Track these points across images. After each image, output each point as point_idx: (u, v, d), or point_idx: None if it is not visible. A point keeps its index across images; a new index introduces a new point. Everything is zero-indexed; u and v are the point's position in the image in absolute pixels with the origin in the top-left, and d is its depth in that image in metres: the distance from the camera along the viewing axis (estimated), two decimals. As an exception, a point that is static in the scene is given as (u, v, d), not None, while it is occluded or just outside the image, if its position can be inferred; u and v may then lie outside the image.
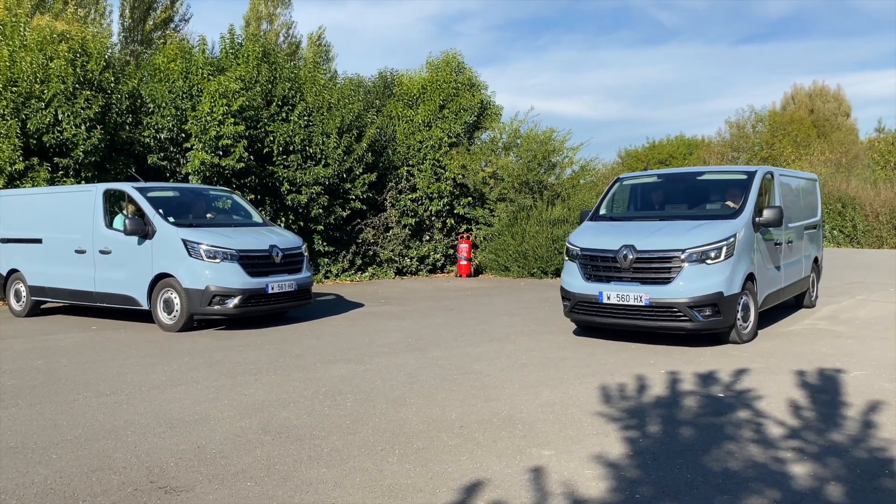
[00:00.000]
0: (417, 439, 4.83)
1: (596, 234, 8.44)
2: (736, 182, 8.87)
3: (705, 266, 7.55)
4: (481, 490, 3.94)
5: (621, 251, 7.81)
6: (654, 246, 7.74)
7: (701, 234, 7.75)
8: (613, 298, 7.77)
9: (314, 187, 15.42)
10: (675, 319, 7.56)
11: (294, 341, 8.67)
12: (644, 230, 8.11)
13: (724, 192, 8.92)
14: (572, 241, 8.54)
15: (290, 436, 4.93)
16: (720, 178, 9.64)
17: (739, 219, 8.07)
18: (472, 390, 6.17)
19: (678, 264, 7.58)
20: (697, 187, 9.50)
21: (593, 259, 8.12)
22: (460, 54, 19.23)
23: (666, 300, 7.51)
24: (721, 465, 4.29)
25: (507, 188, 17.70)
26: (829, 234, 29.93)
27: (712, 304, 7.48)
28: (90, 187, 10.71)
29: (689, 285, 7.49)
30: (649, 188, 9.61)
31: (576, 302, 8.19)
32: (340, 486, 4.01)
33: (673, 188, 9.62)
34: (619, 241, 7.91)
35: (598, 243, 8.17)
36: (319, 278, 16.20)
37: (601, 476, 4.14)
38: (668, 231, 7.99)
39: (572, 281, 8.29)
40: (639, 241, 7.82)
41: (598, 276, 8.06)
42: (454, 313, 11.11)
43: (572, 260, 8.40)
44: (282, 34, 37.40)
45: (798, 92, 54.33)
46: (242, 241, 9.70)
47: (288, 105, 15.98)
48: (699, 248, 7.59)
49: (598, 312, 8.02)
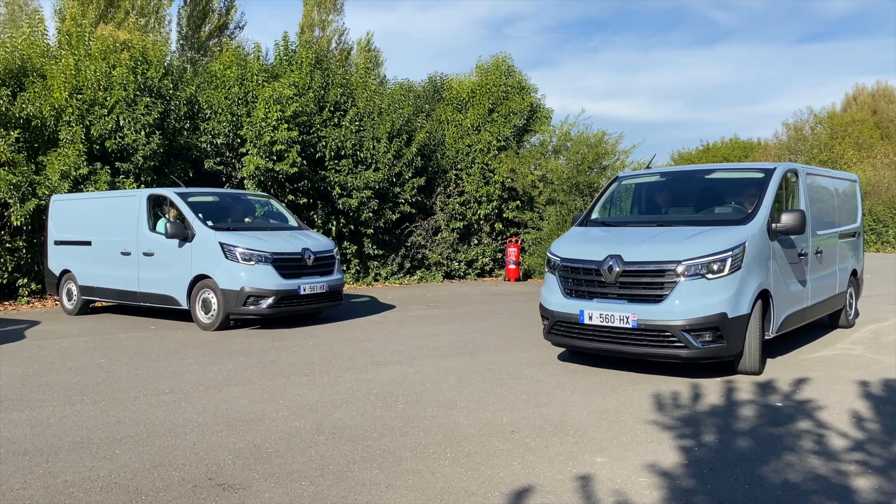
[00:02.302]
0: (468, 443, 4.84)
1: (581, 242, 7.31)
2: (751, 181, 7.65)
3: (706, 281, 6.30)
4: (533, 495, 3.93)
5: (606, 262, 6.62)
6: (645, 256, 6.53)
7: (702, 242, 6.51)
8: (596, 318, 6.59)
9: (364, 191, 15.60)
10: (668, 345, 6.30)
11: (345, 343, 8.78)
12: (635, 238, 6.94)
13: (738, 194, 7.75)
14: (553, 250, 7.35)
15: (343, 436, 4.99)
16: (733, 176, 8.41)
17: (751, 224, 6.81)
18: (522, 395, 6.15)
19: (673, 279, 6.34)
20: (707, 188, 8.22)
21: (574, 271, 6.94)
22: (510, 57, 19.24)
23: (657, 322, 6.27)
24: (780, 477, 4.18)
25: (556, 191, 17.58)
26: (894, 239, 28.86)
27: (713, 328, 6.22)
28: (135, 192, 11.17)
29: (686, 304, 6.24)
30: (652, 189, 8.46)
31: (554, 321, 7.01)
32: (393, 488, 4.05)
33: (679, 188, 8.38)
34: (604, 250, 6.75)
35: (581, 252, 6.98)
36: (369, 281, 16.38)
37: (655, 485, 4.08)
38: (663, 239, 6.78)
39: (550, 297, 7.14)
40: (627, 250, 6.62)
41: (580, 291, 6.87)
42: (504, 317, 11.09)
43: (552, 272, 7.24)
44: (334, 40, 37.98)
45: (860, 92, 52.60)
46: (276, 245, 10.00)
47: (340, 110, 16.21)
48: (699, 259, 6.33)
49: (579, 334, 6.83)
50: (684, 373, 6.87)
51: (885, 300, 12.53)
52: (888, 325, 9.87)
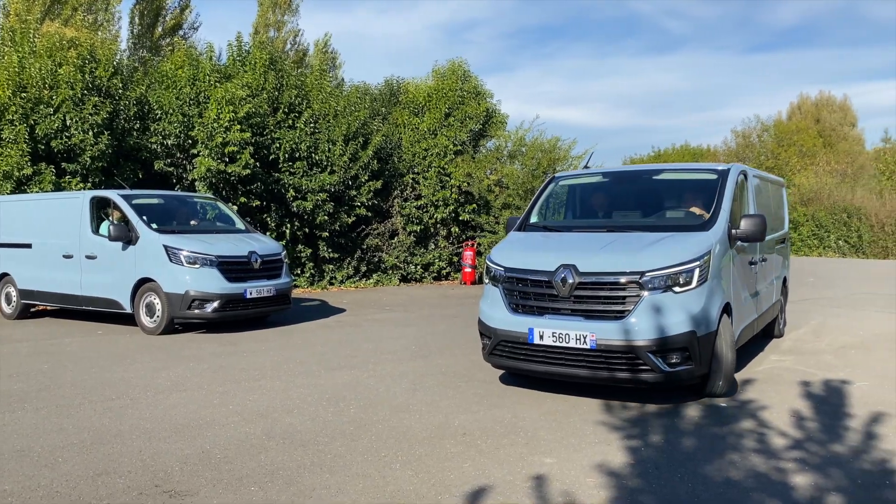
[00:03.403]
0: (420, 446, 4.86)
1: (525, 250, 6.50)
2: (704, 183, 6.98)
3: (672, 295, 5.57)
4: (483, 497, 3.96)
5: (558, 273, 5.79)
6: (603, 267, 5.74)
7: (665, 251, 5.79)
8: (548, 338, 5.73)
9: (320, 194, 15.48)
10: (632, 369, 5.55)
11: (297, 347, 8.70)
12: (589, 245, 6.18)
13: (690, 196, 7.08)
14: (494, 258, 6.47)
15: (294, 441, 4.96)
16: (684, 178, 7.69)
17: (713, 231, 6.13)
18: (475, 398, 6.19)
19: (636, 292, 5.58)
20: (655, 190, 7.53)
21: (521, 283, 6.08)
22: (466, 62, 19.34)
23: (619, 342, 5.49)
24: (723, 475, 4.30)
25: (511, 196, 17.73)
26: (835, 244, 29.88)
27: (682, 349, 5.52)
28: (78, 194, 10.95)
29: (651, 322, 5.49)
30: (592, 190, 7.69)
31: (498, 341, 6.12)
32: (343, 492, 4.04)
33: (623, 191, 7.66)
34: (555, 258, 5.93)
35: (528, 262, 6.14)
36: (324, 284, 16.26)
37: (602, 485, 4.16)
38: (620, 247, 5.99)
39: (493, 312, 6.23)
40: (582, 259, 5.83)
41: (528, 306, 6.01)
42: (459, 320, 11.14)
43: (494, 283, 6.34)
44: (289, 42, 37.62)
45: (804, 102, 54.34)
46: (222, 248, 9.91)
47: (294, 112, 16.07)
48: (664, 270, 5.60)
49: (528, 356, 5.96)
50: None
51: (831, 303, 12.96)
52: (830, 325, 10.21)
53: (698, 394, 6.10)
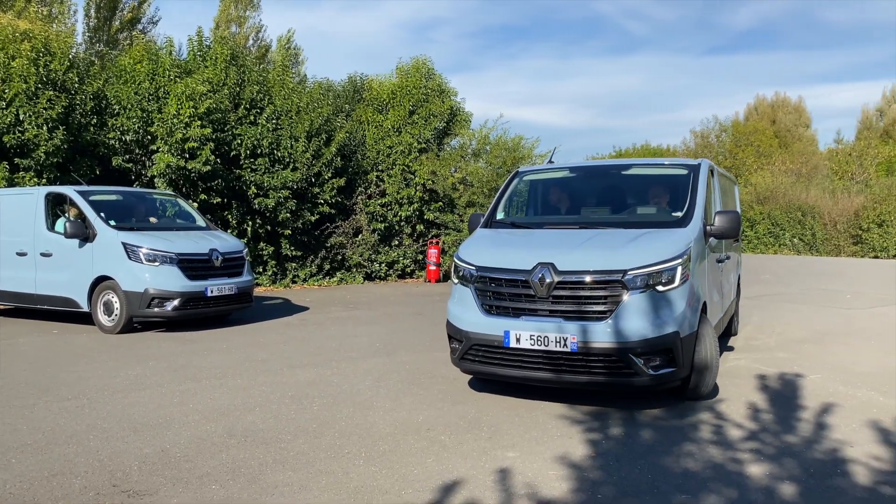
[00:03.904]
0: (384, 442, 4.86)
1: (496, 247, 6.16)
2: (675, 179, 6.80)
3: (655, 294, 5.34)
4: (447, 491, 3.98)
5: (536, 272, 5.47)
6: (583, 265, 5.43)
7: (646, 248, 5.56)
8: (525, 341, 5.39)
9: (282, 191, 15.34)
10: (615, 373, 5.31)
11: (260, 345, 8.62)
12: (565, 242, 5.87)
13: (661, 192, 6.93)
14: (463, 256, 6.08)
15: (256, 439, 4.91)
16: (654, 173, 7.37)
17: (690, 227, 5.94)
18: (439, 394, 6.21)
19: (618, 292, 5.32)
20: (624, 185, 7.32)
21: (495, 283, 5.72)
22: (430, 60, 19.34)
23: (601, 344, 5.22)
24: (681, 466, 4.39)
25: (476, 194, 17.79)
26: (790, 242, 30.63)
27: (666, 350, 5.30)
28: (32, 190, 10.69)
29: (635, 323, 5.24)
30: (559, 185, 7.43)
31: (470, 345, 5.73)
32: (306, 489, 4.02)
33: (592, 186, 7.43)
34: (531, 256, 5.61)
35: (502, 260, 5.80)
36: (287, 283, 16.12)
37: (564, 477, 4.21)
38: (599, 244, 5.75)
39: (464, 314, 5.84)
40: (560, 257, 5.51)
41: (503, 307, 5.66)
42: (423, 318, 11.15)
43: (464, 283, 5.94)
44: (251, 37, 37.18)
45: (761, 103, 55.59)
46: (182, 245, 9.78)
47: (256, 108, 15.89)
48: (647, 268, 5.35)
49: (503, 361, 5.61)
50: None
51: (786, 299, 13.29)
52: (785, 320, 10.48)
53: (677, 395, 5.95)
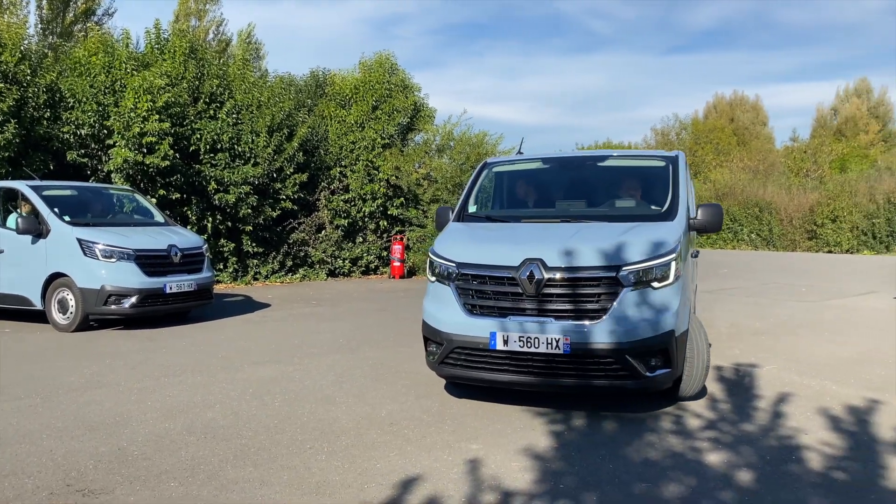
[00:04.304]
0: (346, 437, 4.82)
1: (477, 242, 5.74)
2: (653, 170, 6.63)
3: (651, 291, 5.06)
4: (410, 485, 3.97)
5: (524, 268, 5.11)
6: (575, 261, 5.09)
7: (638, 242, 5.23)
8: (514, 343, 5.02)
9: (243, 187, 15.12)
10: (611, 375, 5.01)
11: (220, 343, 8.49)
12: (551, 237, 5.49)
13: (640, 184, 6.68)
14: (441, 252, 5.66)
15: (216, 436, 4.84)
16: (632, 164, 7.16)
17: (677, 221, 5.70)
18: (402, 388, 6.19)
19: (613, 289, 5.02)
20: (601, 177, 6.99)
21: (479, 281, 5.31)
22: (393, 55, 19.25)
23: (598, 345, 4.92)
24: (641, 456, 4.45)
25: (440, 189, 17.78)
26: (748, 237, 31.28)
27: (662, 350, 5.03)
28: None
29: (631, 322, 4.95)
30: (532, 177, 7.07)
31: (451, 348, 5.31)
32: (267, 485, 3.97)
33: (566, 178, 7.10)
34: (517, 252, 5.23)
35: (485, 255, 5.39)
36: (248, 280, 15.91)
37: (527, 468, 4.23)
38: (589, 238, 5.35)
39: (443, 315, 5.42)
40: (549, 252, 5.14)
41: (488, 307, 5.26)
42: (387, 314, 11.10)
43: (443, 281, 5.53)
44: (211, 31, 36.59)
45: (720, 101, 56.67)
46: (140, 241, 9.59)
47: (216, 102, 15.64)
48: (642, 264, 5.06)
49: (489, 364, 5.22)
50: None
51: (743, 293, 13.56)
52: (742, 313, 10.69)
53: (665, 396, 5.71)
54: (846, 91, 60.02)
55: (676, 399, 5.64)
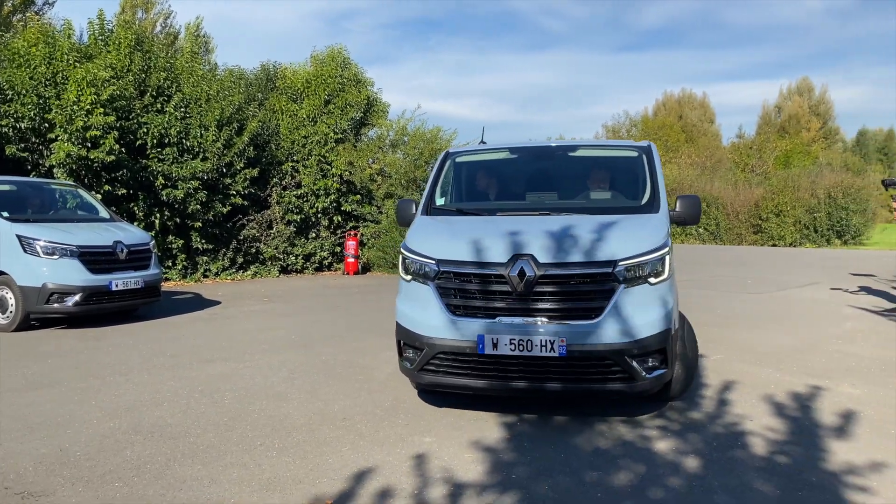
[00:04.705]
0: (298, 433, 4.77)
1: (456, 237, 5.14)
2: (627, 161, 6.34)
3: (648, 288, 4.78)
4: (363, 478, 3.94)
5: (513, 265, 4.70)
6: (568, 256, 4.73)
7: (631, 235, 4.95)
8: (504, 346, 4.62)
9: (191, 182, 14.81)
10: (609, 378, 4.68)
11: (168, 341, 8.30)
12: (537, 230, 4.99)
13: (614, 175, 6.37)
14: (416, 248, 5.16)
15: (164, 435, 4.73)
16: (605, 154, 6.90)
17: (662, 213, 5.44)
18: (355, 384, 6.15)
19: (608, 286, 4.69)
20: (573, 167, 6.62)
21: (463, 279, 4.87)
22: (346, 49, 19.09)
23: (594, 346, 4.58)
24: (592, 445, 4.50)
25: (394, 185, 17.72)
26: (696, 231, 31.99)
27: (661, 350, 4.75)
28: None
29: (629, 320, 4.65)
30: (499, 167, 6.66)
31: (434, 354, 4.85)
32: (216, 483, 3.90)
33: (536, 168, 6.72)
34: (504, 247, 4.81)
35: (469, 251, 4.89)
36: (198, 277, 15.60)
37: (479, 460, 4.24)
38: (578, 231, 4.94)
39: (423, 317, 4.94)
40: (538, 247, 4.77)
41: (474, 308, 4.82)
42: (340, 310, 11.02)
43: (420, 280, 5.05)
44: (158, 23, 35.76)
45: (668, 99, 57.83)
46: (84, 237, 9.31)
47: (163, 96, 15.27)
48: (638, 258, 4.75)
49: (476, 370, 4.78)
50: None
51: (692, 285, 13.86)
52: (690, 305, 10.92)
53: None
54: (789, 90, 61.91)
55: (667, 400, 5.39)
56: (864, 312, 10.08)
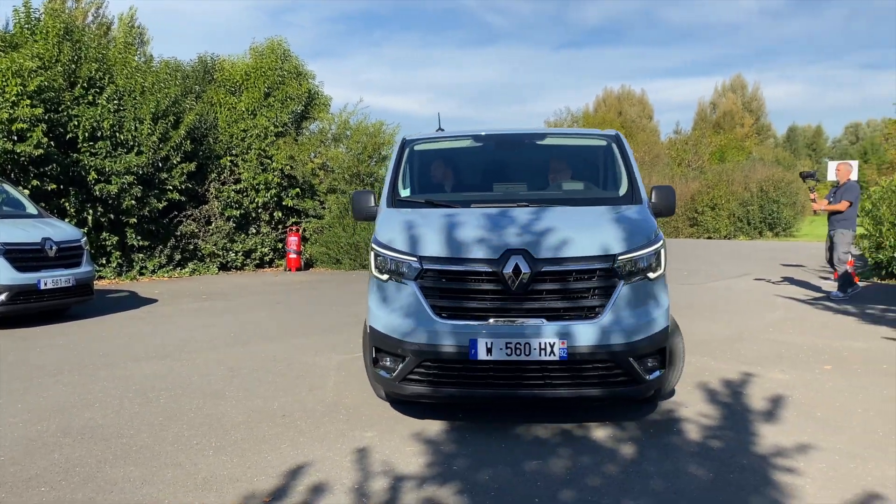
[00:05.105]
0: (236, 431, 4.68)
1: (437, 231, 4.64)
2: (597, 150, 6.01)
3: (647, 284, 4.54)
4: (301, 474, 3.89)
5: (507, 261, 4.34)
6: (564, 250, 4.40)
7: (623, 229, 4.63)
8: (499, 351, 4.23)
9: (126, 177, 14.34)
10: (610, 381, 4.39)
11: (101, 340, 8.04)
12: (525, 223, 4.66)
13: (586, 164, 6.09)
14: (391, 244, 4.68)
15: (95, 436, 4.57)
16: (573, 143, 6.58)
17: (645, 204, 5.21)
18: (296, 380, 6.06)
19: (608, 282, 4.41)
20: (543, 156, 6.22)
21: (451, 278, 4.46)
22: (286, 41, 18.76)
23: (596, 348, 4.27)
24: (531, 434, 4.55)
25: (337, 180, 17.54)
26: (636, 225, 32.72)
27: (660, 350, 4.53)
28: None
29: (631, 319, 4.39)
30: (462, 156, 6.27)
31: (419, 361, 4.40)
32: (149, 483, 3.79)
33: (504, 158, 6.30)
34: (492, 241, 4.44)
35: (454, 247, 4.48)
36: (134, 275, 15.14)
37: (421, 452, 4.24)
38: (569, 224, 4.67)
39: (404, 320, 4.47)
40: (531, 241, 4.43)
41: (464, 309, 4.40)
42: (282, 307, 10.85)
43: (398, 279, 4.58)
44: (90, 13, 34.45)
45: (609, 95, 58.92)
46: (9, 234, 8.95)
47: (95, 87, 14.73)
48: (636, 252, 4.48)
49: (468, 378, 4.40)
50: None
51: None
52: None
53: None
54: (724, 87, 63.84)
55: (657, 401, 5.19)
56: (794, 302, 10.48)
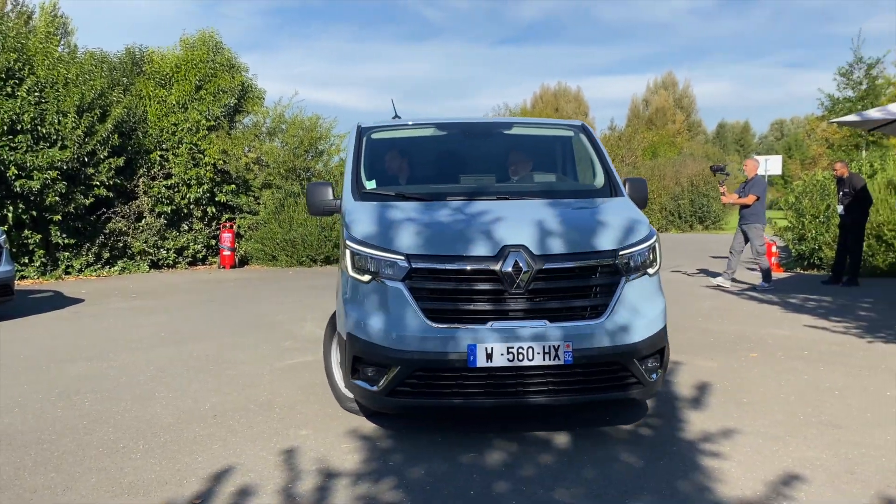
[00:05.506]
0: (165, 433, 4.54)
1: (422, 226, 4.32)
2: (565, 141, 5.85)
3: (647, 280, 4.34)
4: (232, 475, 3.81)
5: (505, 259, 4.03)
6: (565, 246, 4.15)
7: (619, 222, 4.44)
8: (499, 357, 3.91)
9: (49, 172, 13.74)
10: (616, 384, 4.17)
11: (22, 342, 7.69)
12: (516, 217, 4.39)
13: (555, 156, 5.91)
14: (372, 241, 4.26)
15: (13, 443, 4.36)
16: (542, 133, 6.33)
17: (627, 196, 5.03)
18: (228, 380, 5.93)
19: (611, 279, 4.18)
20: (512, 147, 5.88)
21: (445, 277, 4.09)
22: (218, 33, 18.29)
23: (603, 349, 4.04)
24: (475, 428, 4.58)
25: (272, 175, 17.24)
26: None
27: (661, 350, 4.31)
28: None
29: (635, 317, 4.16)
30: (426, 146, 5.89)
31: (410, 371, 3.99)
32: (71, 490, 3.64)
33: (470, 148, 5.93)
34: (486, 237, 4.13)
35: (445, 244, 4.16)
36: (59, 274, 14.54)
37: (356, 449, 4.21)
38: (562, 218, 4.41)
39: (392, 327, 4.06)
40: (528, 237, 4.14)
41: (460, 312, 4.06)
42: (214, 305, 10.60)
43: (384, 281, 4.15)
44: (9, 1, 32.86)
45: (545, 92, 59.70)
46: None
47: (14, 79, 14.06)
48: (637, 247, 4.29)
49: (466, 387, 4.04)
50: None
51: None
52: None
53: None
54: (655, 84, 65.49)
55: (648, 397, 4.72)
56: (722, 292, 10.84)
